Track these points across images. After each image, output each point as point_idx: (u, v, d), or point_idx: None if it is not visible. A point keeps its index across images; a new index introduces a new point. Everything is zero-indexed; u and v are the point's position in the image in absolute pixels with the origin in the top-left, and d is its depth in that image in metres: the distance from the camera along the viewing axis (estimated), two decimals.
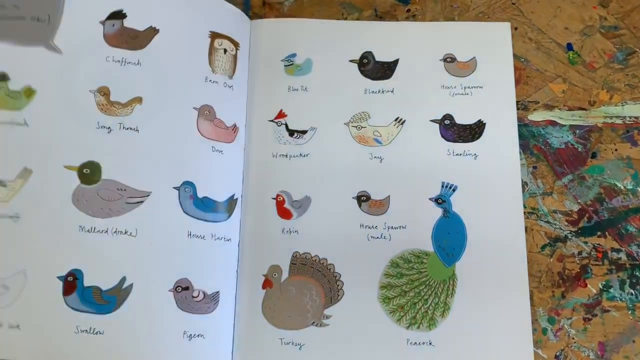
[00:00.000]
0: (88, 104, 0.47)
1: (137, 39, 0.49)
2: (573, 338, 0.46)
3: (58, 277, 0.44)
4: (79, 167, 0.46)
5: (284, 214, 0.50)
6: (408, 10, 0.55)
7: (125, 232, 0.46)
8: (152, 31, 0.49)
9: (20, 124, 0.46)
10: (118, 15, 0.49)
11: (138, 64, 0.49)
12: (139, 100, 0.48)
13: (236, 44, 0.53)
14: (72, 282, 0.44)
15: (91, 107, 0.47)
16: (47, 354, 0.44)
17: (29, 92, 0.46)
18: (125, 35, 0.49)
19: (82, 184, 0.46)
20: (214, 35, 0.51)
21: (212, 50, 0.51)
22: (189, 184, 0.48)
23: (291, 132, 0.52)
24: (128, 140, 0.47)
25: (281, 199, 0.51)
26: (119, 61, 0.48)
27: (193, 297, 0.47)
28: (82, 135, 0.46)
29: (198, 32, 0.51)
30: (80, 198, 0.45)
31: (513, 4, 0.55)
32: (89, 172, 0.46)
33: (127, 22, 0.49)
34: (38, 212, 0.45)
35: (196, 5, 0.52)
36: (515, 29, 0.54)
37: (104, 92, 0.48)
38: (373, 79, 0.53)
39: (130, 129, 0.47)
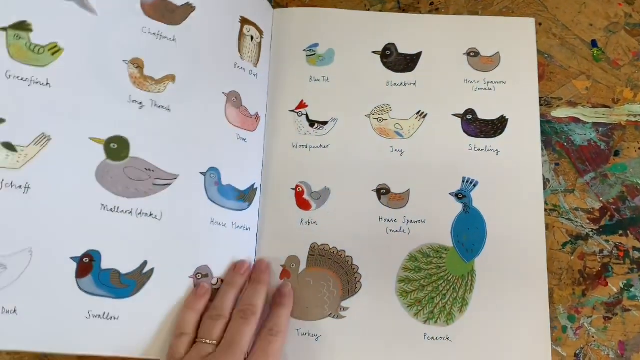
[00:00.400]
0: (120, 74, 0.44)
1: (174, 13, 0.46)
2: (593, 337, 0.46)
3: (72, 258, 0.41)
4: (106, 140, 0.42)
5: (303, 204, 0.50)
6: (432, 4, 0.55)
7: (150, 215, 0.43)
8: (189, 8, 0.47)
9: (42, 83, 0.41)
10: None
11: (173, 39, 0.46)
12: (172, 78, 0.46)
13: (261, 32, 0.52)
14: (87, 264, 0.41)
15: (123, 78, 0.44)
16: (50, 342, 0.40)
17: (55, 50, 0.41)
18: (162, 8, 0.46)
19: (107, 159, 0.42)
20: (244, 21, 0.51)
21: (241, 36, 0.50)
22: (214, 170, 0.46)
23: (312, 123, 0.52)
24: (159, 118, 0.45)
25: (300, 189, 0.50)
26: (154, 34, 0.45)
27: (212, 284, 0.45)
28: (112, 107, 0.43)
29: (230, 15, 0.50)
30: (104, 174, 0.42)
31: None
32: (117, 148, 0.43)
33: None
34: (54, 185, 0.40)
35: None
36: (540, 24, 0.53)
37: (138, 64, 0.45)
38: (395, 71, 0.53)
39: (162, 107, 0.45)
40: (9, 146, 0.39)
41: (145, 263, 0.43)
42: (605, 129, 0.51)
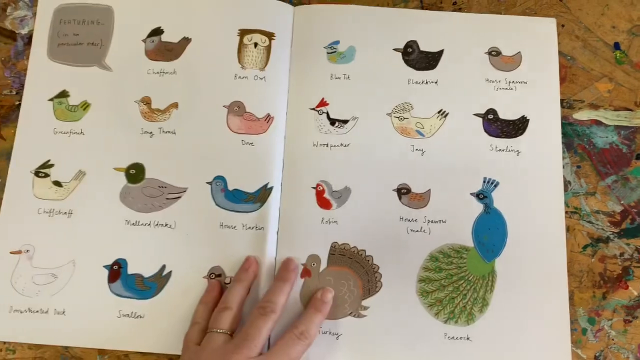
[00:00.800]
0: (133, 112, 0.53)
1: (173, 51, 0.54)
2: (613, 339, 0.46)
3: (104, 266, 0.49)
4: (126, 168, 0.51)
5: (324, 203, 0.50)
6: (454, 3, 0.54)
7: (166, 225, 0.50)
8: (185, 41, 0.54)
9: (78, 132, 0.52)
10: (157, 32, 0.54)
11: (174, 72, 0.54)
12: (175, 105, 0.53)
13: (269, 35, 0.53)
14: (117, 271, 0.49)
15: (136, 115, 0.53)
16: (90, 338, 0.48)
17: (85, 106, 0.53)
18: (162, 49, 0.54)
19: (128, 183, 0.51)
20: (243, 32, 0.54)
21: (241, 47, 0.53)
22: (220, 178, 0.51)
23: (332, 121, 0.52)
24: (167, 142, 0.52)
25: (321, 188, 0.50)
26: (157, 72, 0.54)
27: (225, 283, 0.48)
28: (128, 140, 0.52)
29: (227, 32, 0.54)
30: (127, 196, 0.51)
31: (560, 0, 0.54)
32: (135, 173, 0.51)
33: (164, 37, 0.54)
34: (89, 209, 0.50)
35: (227, 3, 0.54)
36: (562, 26, 0.53)
37: (147, 101, 0.53)
38: (417, 69, 0.53)
39: (169, 132, 0.52)
40: (57, 183, 0.51)
41: (164, 267, 0.49)
42: (627, 132, 0.51)
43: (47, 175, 0.51)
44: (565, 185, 0.50)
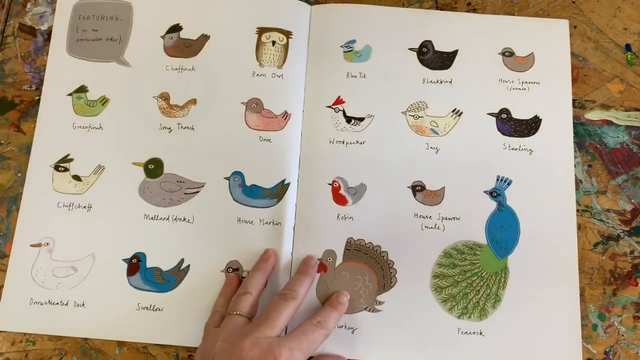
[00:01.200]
0: (152, 108, 0.53)
1: (191, 48, 0.55)
2: (623, 335, 0.47)
3: (123, 260, 0.50)
4: (145, 163, 0.52)
5: (340, 200, 0.51)
6: (469, 4, 0.55)
7: (184, 219, 0.50)
8: (204, 38, 0.55)
9: (97, 127, 0.53)
10: (175, 28, 0.55)
11: (192, 69, 0.54)
12: (193, 101, 0.53)
13: (287, 33, 0.54)
14: (136, 264, 0.49)
15: (154, 111, 0.53)
16: (109, 330, 0.48)
17: (104, 101, 0.54)
18: (181, 46, 0.55)
19: (147, 177, 0.51)
20: (262, 30, 0.54)
21: (259, 45, 0.54)
22: (237, 173, 0.51)
23: (348, 119, 0.52)
24: (185, 138, 0.52)
25: (337, 185, 0.51)
26: (176, 69, 0.54)
27: (242, 277, 0.49)
28: (147, 136, 0.52)
29: (246, 30, 0.55)
30: (145, 190, 0.51)
31: (573, 2, 0.55)
32: (153, 168, 0.52)
33: (183, 34, 0.55)
34: (108, 203, 0.51)
35: (245, 1, 0.55)
36: (575, 27, 0.54)
37: (165, 97, 0.54)
38: (432, 68, 0.54)
39: (187, 127, 0.53)
40: (77, 177, 0.52)
41: (182, 261, 0.50)
42: (637, 132, 0.52)
43: (66, 169, 0.51)
44: (577, 184, 0.50)
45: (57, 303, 0.49)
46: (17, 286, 0.49)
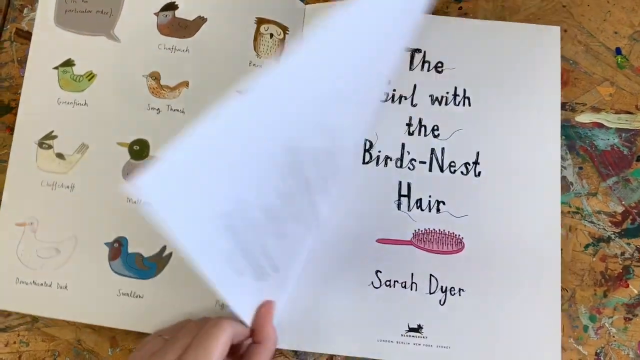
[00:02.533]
0: (140, 87, 0.51)
1: (187, 29, 0.52)
2: (613, 336, 0.47)
3: (105, 244, 0.48)
4: (130, 143, 0.50)
5: None
6: (460, 8, 0.56)
7: None
8: (201, 20, 0.53)
9: (81, 104, 0.51)
10: (171, 6, 0.53)
11: (186, 50, 0.52)
12: (185, 84, 0.51)
13: (284, 28, 0.53)
14: (117, 249, 0.48)
15: (143, 90, 0.51)
16: (90, 314, 0.48)
17: (90, 76, 0.51)
18: (176, 25, 0.52)
19: (132, 159, 0.50)
20: (260, 21, 0.53)
21: (257, 35, 0.52)
22: None
23: None
24: (174, 120, 0.50)
25: None
26: (169, 49, 0.52)
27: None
28: (134, 115, 0.50)
29: (244, 19, 0.53)
30: (129, 172, 0.49)
31: (564, 6, 0.55)
32: (139, 149, 0.50)
33: (178, 13, 0.53)
34: (91, 184, 0.49)
35: None
36: (565, 31, 0.54)
37: (155, 76, 0.51)
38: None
39: (177, 110, 0.51)
40: (60, 156, 0.50)
41: (164, 248, 0.48)
42: (628, 134, 0.52)
43: (50, 146, 0.50)
44: (568, 186, 0.51)
45: (42, 284, 0.48)
46: (4, 265, 0.48)
